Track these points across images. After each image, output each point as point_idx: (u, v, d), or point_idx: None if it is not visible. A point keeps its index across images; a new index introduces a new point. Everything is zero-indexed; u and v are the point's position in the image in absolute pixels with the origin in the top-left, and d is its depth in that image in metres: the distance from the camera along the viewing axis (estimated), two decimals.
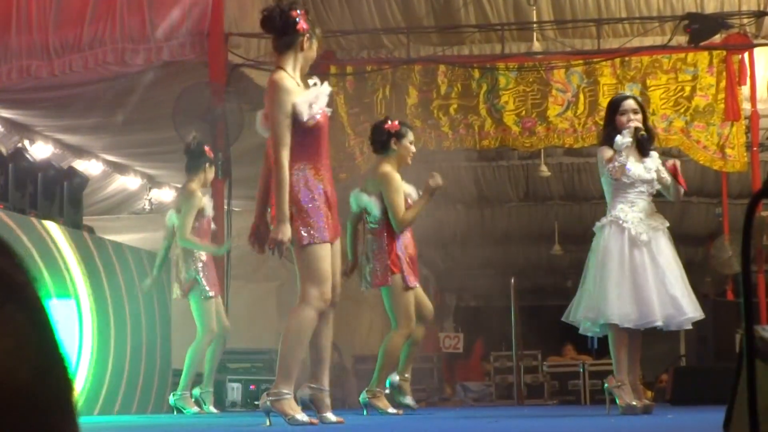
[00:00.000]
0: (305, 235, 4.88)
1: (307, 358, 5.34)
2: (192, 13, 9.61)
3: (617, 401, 6.16)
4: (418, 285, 7.15)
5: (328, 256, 4.96)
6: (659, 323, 6.13)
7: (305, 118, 4.89)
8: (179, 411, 8.06)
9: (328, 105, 5.12)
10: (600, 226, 6.38)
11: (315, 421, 4.96)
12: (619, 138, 6.22)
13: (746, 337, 1.67)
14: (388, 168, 7.04)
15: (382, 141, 7.12)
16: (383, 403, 7.03)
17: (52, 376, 0.84)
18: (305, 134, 4.92)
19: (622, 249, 6.20)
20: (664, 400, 10.83)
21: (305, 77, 5.17)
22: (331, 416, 5.15)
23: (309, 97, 4.95)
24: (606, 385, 6.32)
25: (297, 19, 5.00)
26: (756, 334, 1.93)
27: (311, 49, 5.11)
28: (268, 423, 4.95)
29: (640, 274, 6.15)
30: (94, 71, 9.78)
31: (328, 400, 5.22)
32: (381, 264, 6.98)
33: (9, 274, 0.84)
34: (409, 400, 7.31)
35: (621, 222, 6.24)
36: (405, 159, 7.15)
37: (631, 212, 6.26)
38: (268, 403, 4.87)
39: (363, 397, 7.08)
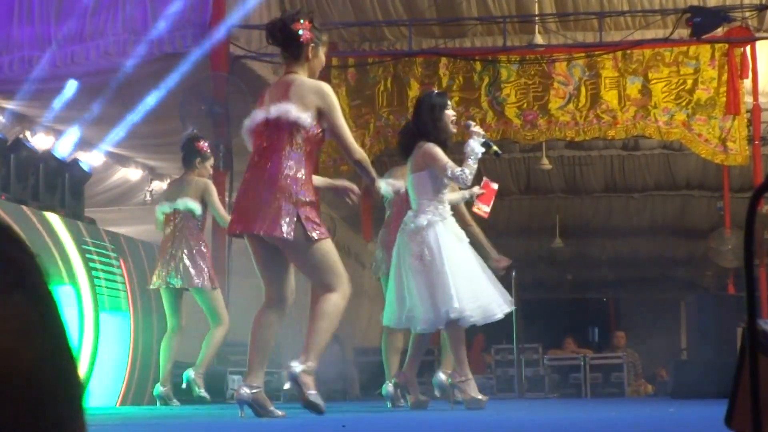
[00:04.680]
0: (315, 230, 4.87)
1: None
2: (193, 4, 9.60)
3: (460, 396, 6.22)
4: None
5: (335, 250, 4.99)
6: (409, 325, 6.41)
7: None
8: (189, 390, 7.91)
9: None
10: None
11: (323, 409, 4.96)
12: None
13: (749, 331, 1.67)
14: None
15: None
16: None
17: (58, 362, 0.83)
18: (314, 143, 4.95)
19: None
20: (665, 394, 10.84)
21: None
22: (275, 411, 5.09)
23: None
24: (449, 380, 6.39)
25: (299, 32, 4.99)
26: (758, 328, 1.93)
27: (317, 57, 5.12)
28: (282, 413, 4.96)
29: (401, 279, 6.35)
30: (95, 62, 9.78)
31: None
32: None
33: (18, 260, 0.84)
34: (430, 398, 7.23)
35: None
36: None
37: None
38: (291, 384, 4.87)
39: (449, 380, 6.79)
